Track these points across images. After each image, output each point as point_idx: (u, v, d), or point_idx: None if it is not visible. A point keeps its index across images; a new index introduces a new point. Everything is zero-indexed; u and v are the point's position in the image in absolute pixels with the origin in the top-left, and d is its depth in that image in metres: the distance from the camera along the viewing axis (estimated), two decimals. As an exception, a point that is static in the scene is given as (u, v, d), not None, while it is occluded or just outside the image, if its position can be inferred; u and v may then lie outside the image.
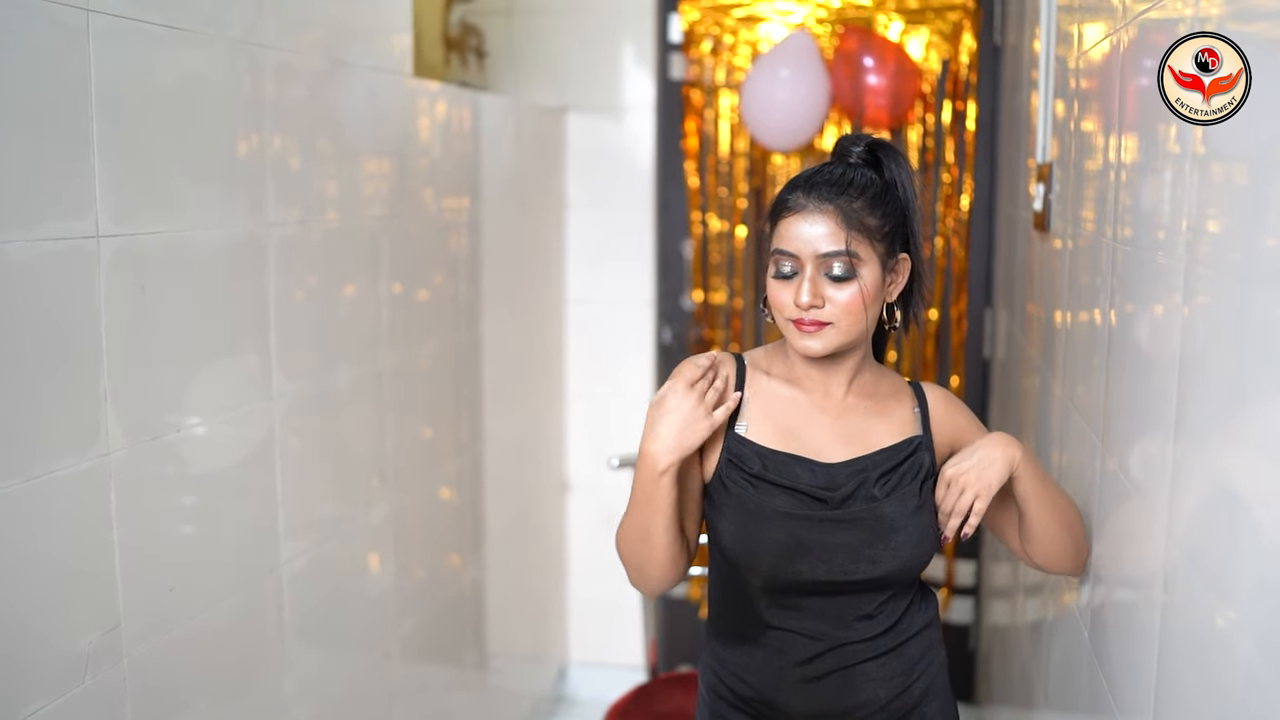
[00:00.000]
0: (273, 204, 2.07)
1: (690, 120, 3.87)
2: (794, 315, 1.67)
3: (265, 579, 2.07)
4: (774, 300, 1.69)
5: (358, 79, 2.40)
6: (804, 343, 1.68)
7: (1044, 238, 2.57)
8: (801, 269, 1.66)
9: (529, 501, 3.69)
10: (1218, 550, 1.21)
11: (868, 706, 1.76)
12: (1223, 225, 1.23)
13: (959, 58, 3.71)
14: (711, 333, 3.95)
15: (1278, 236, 1.05)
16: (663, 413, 1.70)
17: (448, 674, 3.04)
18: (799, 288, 1.65)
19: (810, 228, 1.65)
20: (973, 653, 3.87)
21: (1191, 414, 1.31)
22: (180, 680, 1.84)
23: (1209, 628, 1.22)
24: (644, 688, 2.82)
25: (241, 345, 2.00)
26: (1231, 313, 1.19)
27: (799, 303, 1.65)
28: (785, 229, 1.67)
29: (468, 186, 3.03)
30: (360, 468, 2.47)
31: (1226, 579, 1.18)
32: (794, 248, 1.66)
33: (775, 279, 1.69)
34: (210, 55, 1.89)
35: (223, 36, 1.92)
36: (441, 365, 2.89)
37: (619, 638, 3.98)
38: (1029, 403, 2.81)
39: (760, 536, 1.69)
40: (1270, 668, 1.04)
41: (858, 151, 1.75)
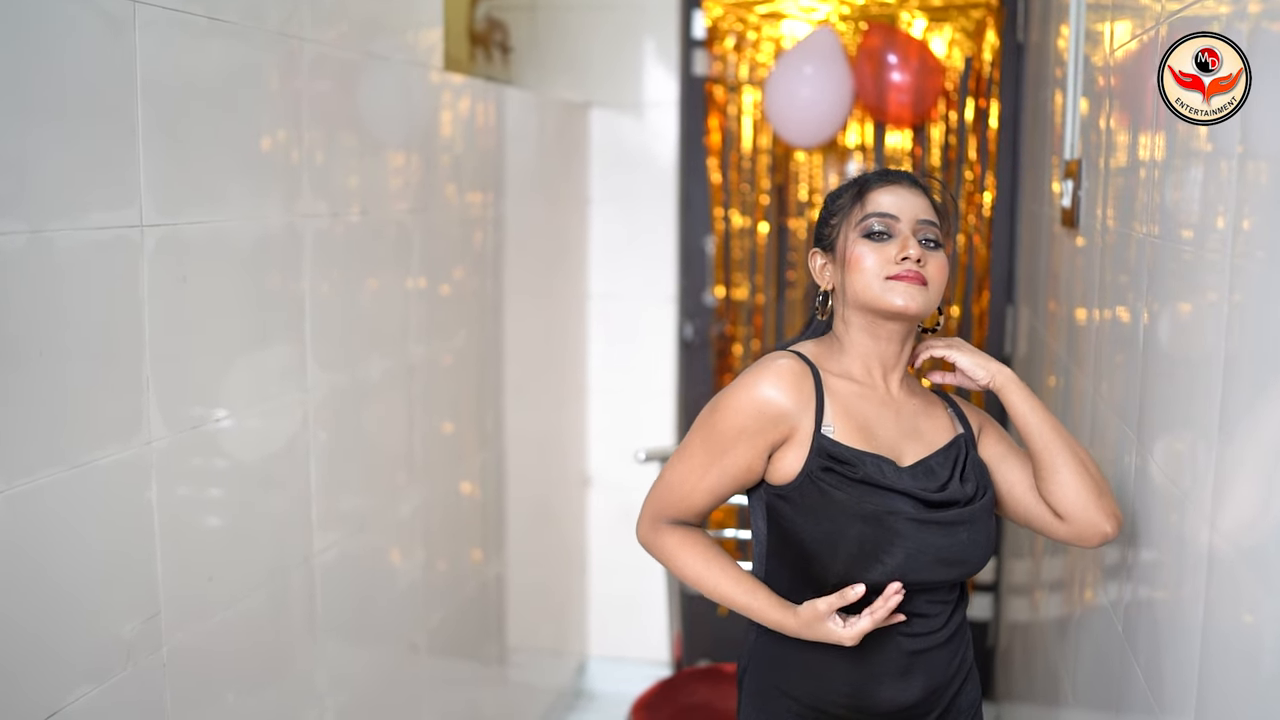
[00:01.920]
0: (308, 196, 2.08)
1: (713, 116, 3.87)
2: (893, 271, 1.68)
3: (299, 570, 2.08)
4: (862, 263, 1.69)
5: (389, 72, 2.41)
6: (903, 298, 1.67)
7: (1070, 234, 2.57)
8: (897, 231, 1.70)
9: (550, 496, 3.70)
10: (1266, 544, 1.21)
11: (942, 695, 1.77)
12: (1263, 221, 1.23)
13: (982, 55, 3.71)
14: (733, 328, 3.95)
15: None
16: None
17: (471, 668, 3.05)
18: (902, 243, 1.69)
19: (908, 195, 1.73)
20: (992, 649, 3.87)
21: (1236, 406, 1.30)
22: (217, 668, 1.85)
23: (1256, 623, 1.22)
24: (668, 681, 2.83)
25: (278, 337, 2.01)
26: (1274, 306, 1.18)
27: (906, 253, 1.68)
28: (880, 196, 1.72)
29: (491, 181, 3.04)
30: (389, 461, 2.48)
31: (1276, 572, 1.17)
32: (894, 209, 1.71)
33: (866, 240, 1.70)
34: (249, 47, 1.90)
35: (261, 28, 1.93)
36: (465, 360, 2.90)
37: (639, 632, 3.99)
38: (1052, 400, 2.81)
39: (887, 543, 1.66)
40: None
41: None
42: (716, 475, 1.72)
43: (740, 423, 1.68)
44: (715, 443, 1.70)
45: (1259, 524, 1.23)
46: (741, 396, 1.68)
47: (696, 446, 1.73)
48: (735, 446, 1.69)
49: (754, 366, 1.71)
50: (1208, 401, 1.39)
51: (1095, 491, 1.76)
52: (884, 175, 1.76)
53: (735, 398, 1.69)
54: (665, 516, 1.79)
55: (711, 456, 1.71)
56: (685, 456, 1.75)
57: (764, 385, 1.68)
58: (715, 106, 3.87)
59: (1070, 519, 1.75)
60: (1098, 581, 2.09)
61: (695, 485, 1.74)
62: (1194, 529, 1.44)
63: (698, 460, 1.73)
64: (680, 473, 1.75)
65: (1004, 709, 3.56)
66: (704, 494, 1.75)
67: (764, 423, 1.67)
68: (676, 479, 1.76)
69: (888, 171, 1.78)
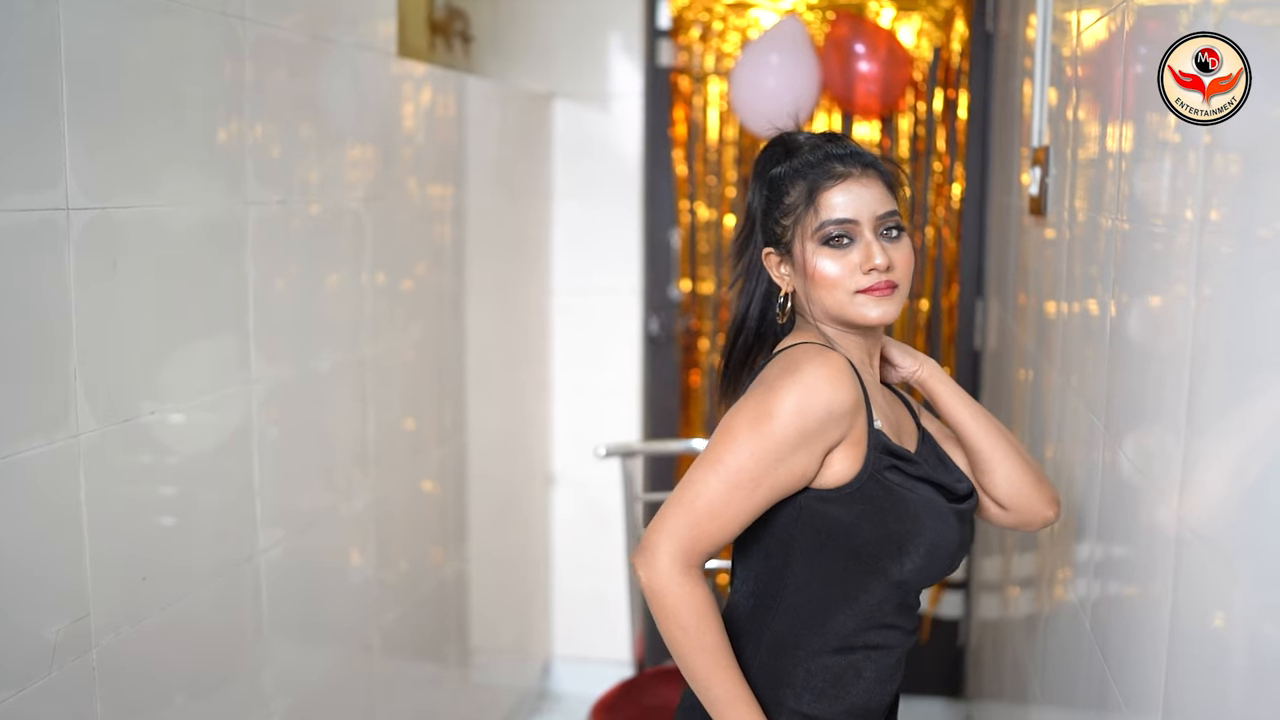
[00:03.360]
0: (252, 182, 2.00)
1: (678, 108, 3.82)
2: (862, 284, 1.59)
3: (242, 568, 2.01)
4: (827, 276, 1.59)
5: (340, 57, 2.34)
6: (880, 310, 1.59)
7: (1039, 223, 2.52)
8: (859, 235, 1.60)
9: (513, 493, 3.63)
10: (1234, 538, 1.16)
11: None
12: (1230, 213, 1.20)
13: (951, 45, 3.66)
14: (699, 323, 3.89)
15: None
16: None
17: (430, 669, 2.98)
18: (866, 252, 1.58)
19: (863, 190, 1.60)
20: (962, 647, 3.83)
21: (1204, 399, 1.26)
22: (153, 672, 1.78)
23: (1224, 619, 1.18)
24: (630, 682, 2.77)
25: (218, 327, 1.94)
26: (1243, 298, 1.15)
27: (873, 266, 1.57)
28: (833, 198, 1.59)
29: (452, 172, 2.97)
30: (341, 457, 2.41)
31: (1245, 567, 1.13)
32: (851, 213, 1.59)
33: (825, 249, 1.59)
34: (186, 26, 1.83)
35: (199, 6, 1.86)
36: (424, 354, 2.83)
37: (604, 632, 3.92)
38: (1021, 393, 2.77)
39: (946, 539, 1.60)
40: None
41: (820, 137, 1.71)
42: (767, 490, 1.52)
43: (806, 426, 1.50)
44: (772, 452, 1.50)
45: (1227, 518, 1.19)
46: (807, 398, 1.50)
47: (745, 459, 1.50)
48: (795, 453, 1.51)
49: (802, 364, 1.54)
50: (1176, 395, 1.36)
51: (1034, 478, 1.76)
52: (830, 169, 1.61)
53: (797, 399, 1.50)
54: (700, 552, 1.52)
55: (765, 468, 1.50)
56: (728, 472, 1.50)
57: (831, 383, 1.52)
58: (681, 97, 3.81)
59: (1013, 508, 1.75)
60: (1067, 578, 2.05)
61: (742, 506, 1.51)
62: (1162, 523, 1.39)
63: (748, 475, 1.50)
64: (723, 493, 1.50)
65: (974, 707, 3.52)
66: (748, 515, 1.53)
67: (830, 423, 1.52)
68: (719, 501, 1.50)
69: (828, 156, 1.63)
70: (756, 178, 1.71)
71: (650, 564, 1.50)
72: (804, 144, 1.68)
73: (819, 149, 1.66)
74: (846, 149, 1.65)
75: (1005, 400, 3.10)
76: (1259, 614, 1.08)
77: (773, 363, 1.61)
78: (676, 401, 3.94)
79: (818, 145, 1.68)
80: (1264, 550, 1.08)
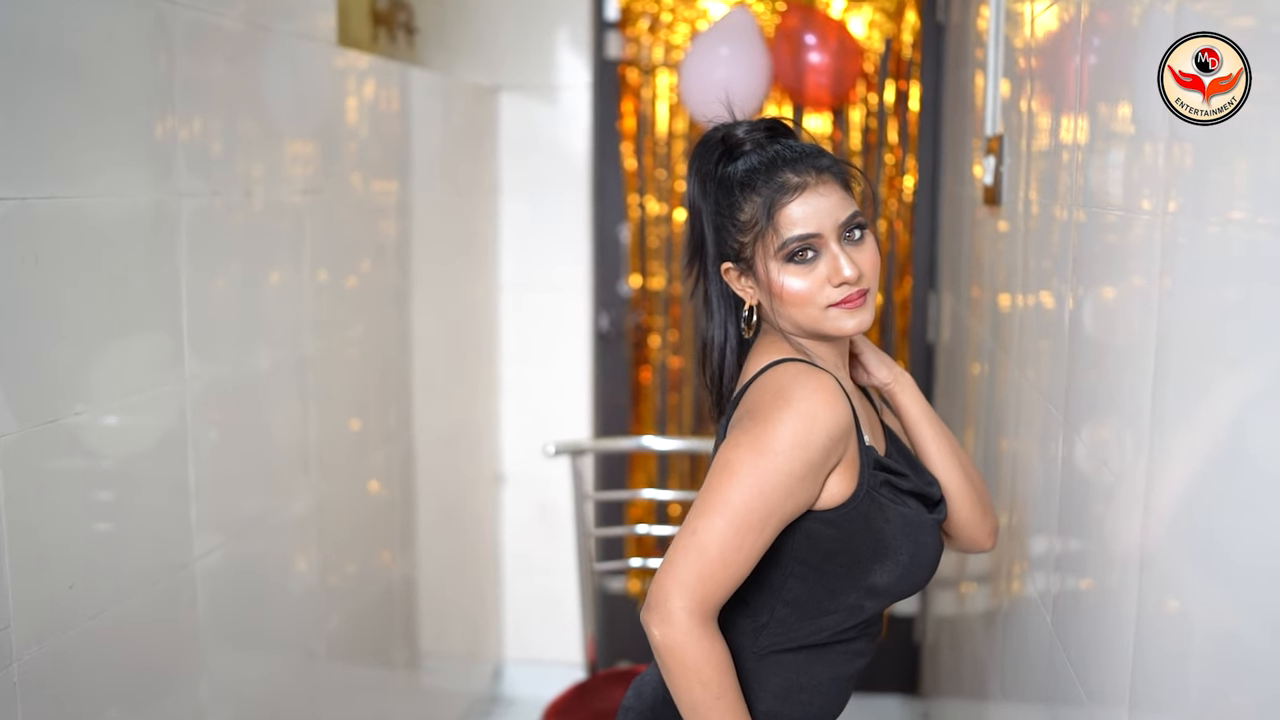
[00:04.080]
0: (183, 173, 1.93)
1: (627, 100, 3.76)
2: (833, 297, 1.54)
3: (177, 575, 1.93)
4: (797, 294, 1.53)
5: (278, 45, 2.27)
6: (855, 320, 1.55)
7: (993, 214, 2.49)
8: (823, 247, 1.54)
9: (462, 494, 3.56)
10: (1202, 530, 1.13)
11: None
12: (1191, 204, 1.19)
13: (902, 36, 3.63)
14: (650, 319, 3.84)
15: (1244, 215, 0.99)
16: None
17: (378, 674, 2.91)
18: (833, 265, 1.53)
19: (822, 199, 1.54)
20: (918, 644, 3.80)
21: (1170, 391, 1.23)
22: (82, 685, 1.70)
23: (1192, 611, 1.14)
24: (583, 685, 2.71)
25: (150, 324, 1.86)
26: (1206, 288, 1.13)
27: (844, 278, 1.52)
28: (793, 213, 1.53)
29: (396, 166, 2.90)
30: (282, 458, 2.33)
31: (1213, 557, 1.09)
32: (814, 227, 1.53)
33: (791, 265, 1.53)
34: (113, 9, 1.75)
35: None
36: (369, 353, 2.76)
37: (556, 634, 3.86)
38: (975, 387, 2.74)
39: (927, 554, 1.59)
40: (1276, 647, 0.95)
41: (761, 132, 1.64)
42: (776, 524, 1.45)
43: (810, 457, 1.44)
44: (780, 488, 1.43)
45: (1194, 509, 1.15)
46: (808, 428, 1.44)
47: (753, 498, 1.43)
48: (801, 484, 1.45)
49: (793, 390, 1.47)
50: (1140, 385, 1.33)
51: (981, 511, 1.76)
52: (780, 175, 1.54)
53: (797, 431, 1.44)
54: (716, 601, 1.45)
55: (773, 505, 1.44)
56: (736, 514, 1.42)
57: (827, 408, 1.46)
58: (629, 90, 3.76)
59: (955, 536, 1.77)
60: (1025, 573, 2.02)
61: (753, 545, 1.44)
62: (1126, 516, 1.36)
63: (757, 515, 1.43)
64: (733, 537, 1.43)
65: (932, 704, 3.49)
66: (759, 553, 1.45)
67: (830, 449, 1.46)
68: (731, 545, 1.43)
69: (776, 165, 1.56)
70: (697, 174, 1.64)
71: (666, 619, 1.42)
72: (745, 139, 1.62)
73: (763, 150, 1.60)
74: (794, 151, 1.58)
75: (959, 394, 3.08)
76: (1227, 604, 1.05)
77: (758, 387, 1.54)
78: (627, 399, 3.89)
79: (761, 144, 1.61)
80: (1232, 540, 1.05)
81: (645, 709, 1.67)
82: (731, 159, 1.62)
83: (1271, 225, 0.97)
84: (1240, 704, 1.03)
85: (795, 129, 1.67)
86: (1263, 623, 0.98)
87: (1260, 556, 0.99)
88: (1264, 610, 0.98)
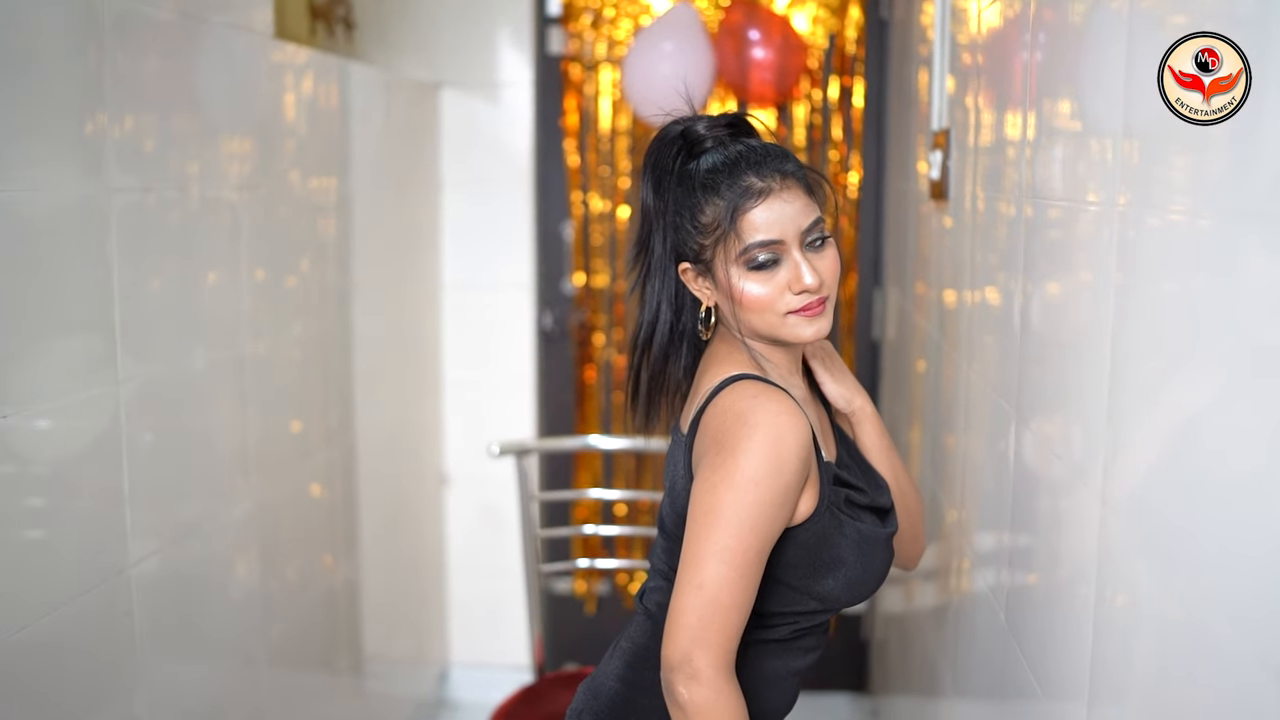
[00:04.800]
0: (114, 168, 1.86)
1: (570, 97, 3.72)
2: (793, 304, 1.52)
3: (111, 583, 1.87)
4: (756, 300, 1.51)
5: (213, 36, 2.21)
6: (813, 328, 1.53)
7: (939, 210, 2.48)
8: (785, 254, 1.52)
9: (405, 496, 3.51)
10: (1162, 518, 1.11)
11: None
12: (1138, 199, 1.19)
13: (846, 32, 3.62)
14: (594, 317, 3.81)
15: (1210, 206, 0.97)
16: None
17: (321, 681, 2.85)
18: (794, 272, 1.51)
19: (786, 205, 1.52)
20: (866, 642, 3.79)
21: (1127, 382, 1.22)
22: (12, 699, 1.63)
23: (1154, 604, 1.13)
24: (531, 688, 2.67)
25: (80, 323, 1.80)
26: (1160, 280, 1.13)
27: (804, 286, 1.51)
28: (756, 218, 1.50)
29: (335, 162, 2.84)
30: (220, 461, 2.27)
31: (1175, 547, 1.08)
32: (777, 233, 1.51)
33: (753, 273, 1.51)
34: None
35: (52, -23, 1.72)
36: (309, 353, 2.70)
37: (502, 637, 3.82)
38: (924, 384, 2.73)
39: (876, 568, 1.58)
40: (1239, 636, 0.94)
41: (723, 128, 1.60)
42: (766, 553, 1.45)
43: (786, 481, 1.44)
44: (767, 519, 1.43)
45: (1154, 502, 1.14)
46: (778, 453, 1.43)
47: (747, 536, 1.42)
48: (782, 509, 1.45)
49: (754, 414, 1.45)
50: (1096, 377, 1.32)
51: (910, 537, 1.78)
52: (744, 178, 1.51)
53: (769, 459, 1.43)
54: (734, 647, 1.45)
55: (764, 537, 1.44)
56: (734, 555, 1.42)
57: (792, 430, 1.44)
58: (572, 86, 3.72)
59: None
60: (975, 568, 2.01)
61: (754, 578, 1.44)
62: (1083, 510, 1.34)
63: (754, 551, 1.43)
64: (738, 580, 1.42)
65: (880, 702, 3.49)
66: (758, 581, 1.46)
67: (800, 469, 1.45)
68: (739, 588, 1.42)
69: (739, 167, 1.53)
70: (653, 171, 1.60)
71: (693, 677, 1.41)
72: (706, 136, 1.59)
73: (725, 148, 1.56)
74: (758, 153, 1.55)
75: (904, 391, 3.07)
76: (1189, 596, 1.04)
77: (718, 411, 1.50)
78: (571, 397, 3.85)
79: (723, 141, 1.58)
80: (1194, 529, 1.04)
81: (602, 710, 1.65)
82: (691, 156, 1.59)
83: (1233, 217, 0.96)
84: (1204, 695, 1.02)
85: (756, 127, 1.64)
86: (1227, 613, 0.97)
87: (1222, 546, 0.98)
88: (1228, 601, 0.97)
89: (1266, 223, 0.91)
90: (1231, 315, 0.98)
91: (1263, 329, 0.91)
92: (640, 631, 1.65)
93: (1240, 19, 0.98)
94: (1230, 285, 0.98)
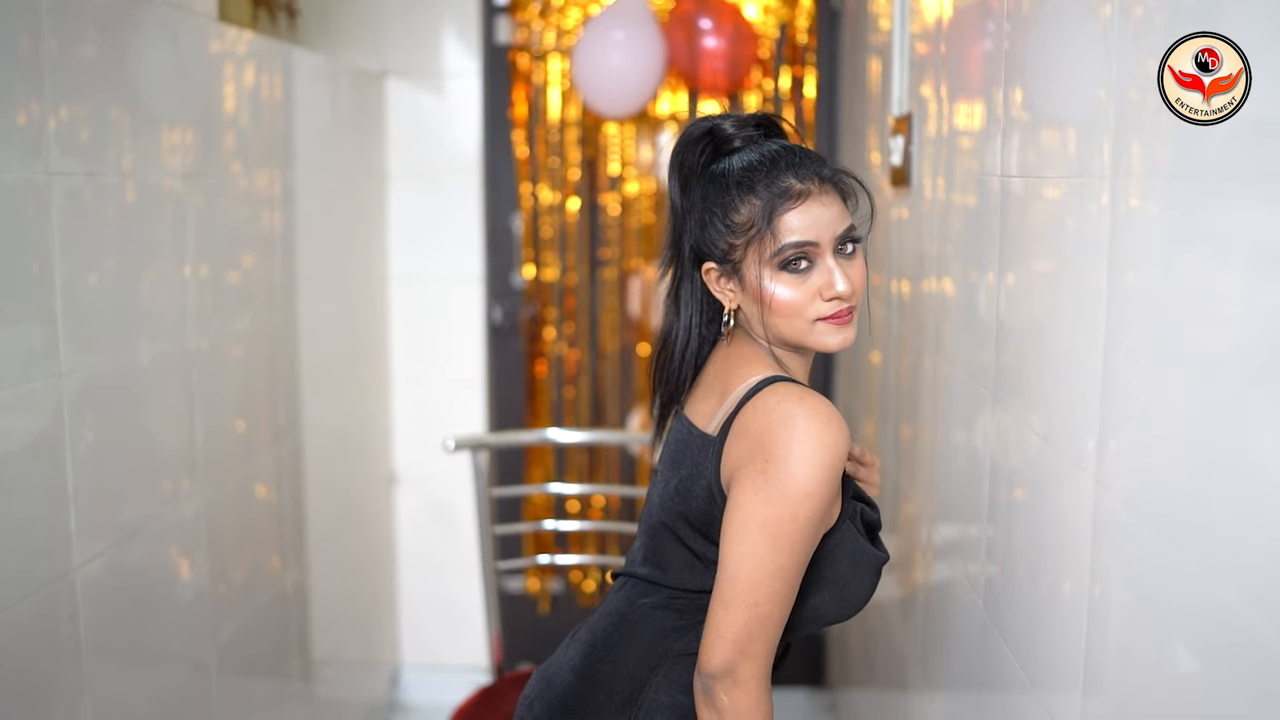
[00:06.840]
0: (54, 151, 1.78)
1: (518, 87, 3.66)
2: (823, 311, 1.48)
3: (55, 585, 1.79)
4: (787, 304, 1.48)
5: (152, 17, 2.12)
6: (840, 337, 1.50)
7: (900, 195, 2.45)
8: (819, 257, 1.48)
9: (354, 494, 3.43)
10: (1163, 499, 1.08)
11: None
12: (1125, 184, 1.14)
13: (797, 22, 3.59)
14: (545, 310, 3.75)
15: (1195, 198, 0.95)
16: None
17: (272, 686, 2.77)
18: (827, 278, 1.48)
19: (824, 209, 1.48)
20: (824, 634, 3.77)
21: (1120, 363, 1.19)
22: (-49, 709, 1.55)
23: (1156, 586, 1.09)
24: (490, 689, 2.61)
25: (18, 312, 1.71)
26: (1153, 268, 1.09)
27: (836, 293, 1.47)
28: (794, 220, 1.47)
29: (279, 152, 2.76)
30: (166, 459, 2.18)
31: (1176, 528, 1.05)
32: (813, 235, 1.47)
33: (783, 274, 1.48)
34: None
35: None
36: (255, 348, 2.62)
37: (455, 637, 3.75)
38: (879, 375, 2.70)
39: (862, 594, 1.54)
40: (1260, 618, 0.90)
41: (752, 128, 1.57)
42: (806, 562, 1.44)
43: (835, 489, 1.43)
44: (816, 525, 1.42)
45: (1157, 482, 1.10)
46: (826, 456, 1.40)
47: (799, 550, 1.41)
48: (827, 519, 1.44)
49: (797, 417, 1.41)
50: (1089, 359, 1.29)
51: None
52: (783, 179, 1.47)
53: (820, 463, 1.39)
54: (774, 651, 1.46)
55: (813, 544, 1.43)
56: (790, 575, 1.41)
57: (841, 436, 1.41)
58: (520, 76, 3.66)
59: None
60: (944, 557, 1.98)
61: (794, 587, 1.43)
62: (1077, 491, 1.31)
63: (803, 566, 1.43)
64: (788, 596, 1.42)
65: (840, 695, 3.46)
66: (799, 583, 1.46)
67: (840, 471, 1.43)
68: (788, 602, 1.43)
69: (778, 168, 1.49)
70: (678, 170, 1.56)
71: (736, 685, 1.43)
72: (735, 135, 1.55)
73: (759, 147, 1.52)
74: (795, 155, 1.51)
75: (860, 381, 3.04)
76: (1202, 577, 1.00)
77: (758, 411, 1.45)
78: (522, 393, 3.79)
79: (754, 140, 1.55)
80: (1196, 509, 1.01)
81: (554, 699, 1.61)
82: (719, 154, 1.55)
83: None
84: (1213, 683, 0.98)
85: (784, 128, 1.61)
86: (1242, 595, 0.93)
87: (1235, 526, 0.95)
88: (1246, 580, 0.93)
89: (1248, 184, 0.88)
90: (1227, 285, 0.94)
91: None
92: (604, 625, 1.61)
93: (1241, 19, 0.97)
94: (1218, 250, 0.95)
